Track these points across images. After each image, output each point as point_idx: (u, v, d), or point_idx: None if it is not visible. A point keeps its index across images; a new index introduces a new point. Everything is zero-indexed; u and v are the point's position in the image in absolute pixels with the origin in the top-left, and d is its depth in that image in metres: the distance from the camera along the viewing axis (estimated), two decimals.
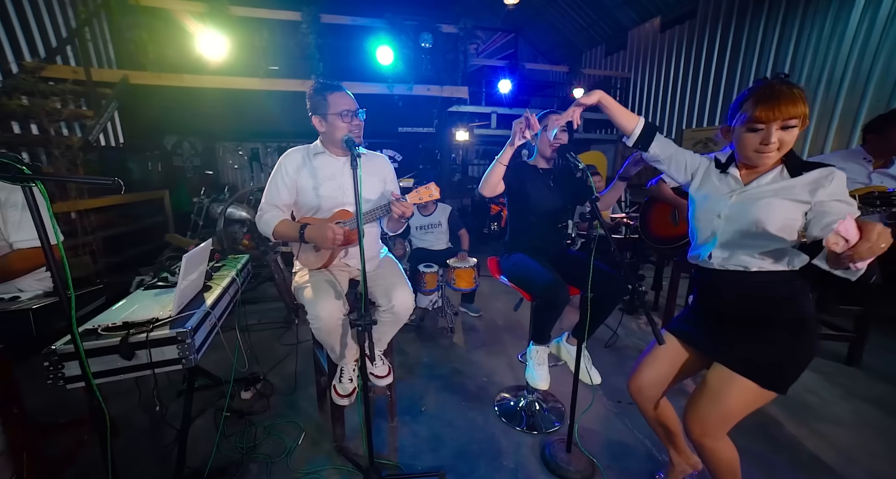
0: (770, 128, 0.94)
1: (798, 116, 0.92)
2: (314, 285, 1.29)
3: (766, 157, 0.98)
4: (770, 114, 0.92)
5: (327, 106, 1.33)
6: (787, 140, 0.96)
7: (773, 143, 0.95)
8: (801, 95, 0.92)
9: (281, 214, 1.40)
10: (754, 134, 0.97)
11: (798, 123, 0.93)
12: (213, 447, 1.52)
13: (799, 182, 0.99)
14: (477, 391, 2.04)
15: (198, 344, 1.17)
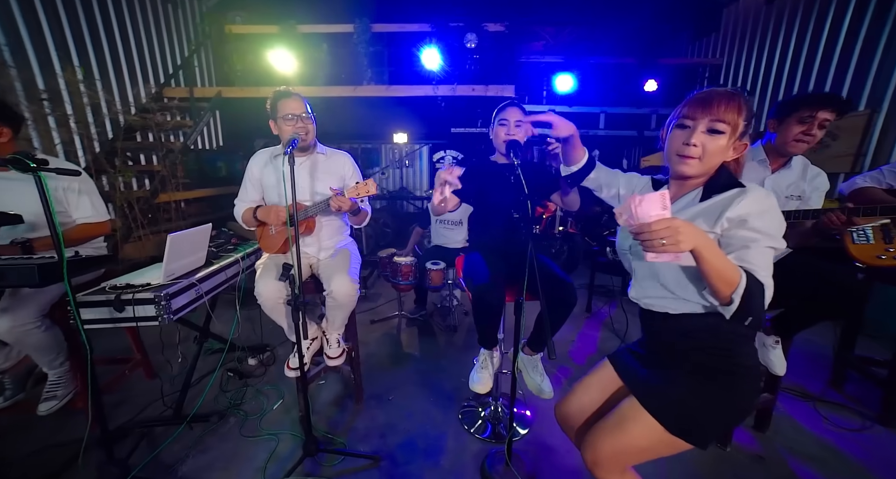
0: (696, 126, 0.84)
1: (727, 121, 0.81)
2: (265, 267, 1.48)
3: (686, 162, 0.86)
4: (698, 111, 0.83)
5: (277, 111, 1.49)
6: (711, 148, 0.84)
7: (693, 144, 0.84)
8: (740, 104, 0.82)
9: (247, 207, 1.62)
10: (681, 131, 0.87)
11: (727, 130, 0.82)
12: (208, 396, 1.82)
13: (706, 207, 0.86)
14: (450, 391, 2.04)
15: (175, 307, 1.44)
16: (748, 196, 0.81)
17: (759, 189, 0.83)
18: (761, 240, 0.77)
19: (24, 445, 1.58)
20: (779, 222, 0.80)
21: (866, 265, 1.67)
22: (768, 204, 0.80)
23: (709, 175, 0.89)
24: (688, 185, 0.92)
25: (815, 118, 1.33)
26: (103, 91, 3.42)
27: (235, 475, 1.47)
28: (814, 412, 1.81)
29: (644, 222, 0.70)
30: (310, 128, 1.53)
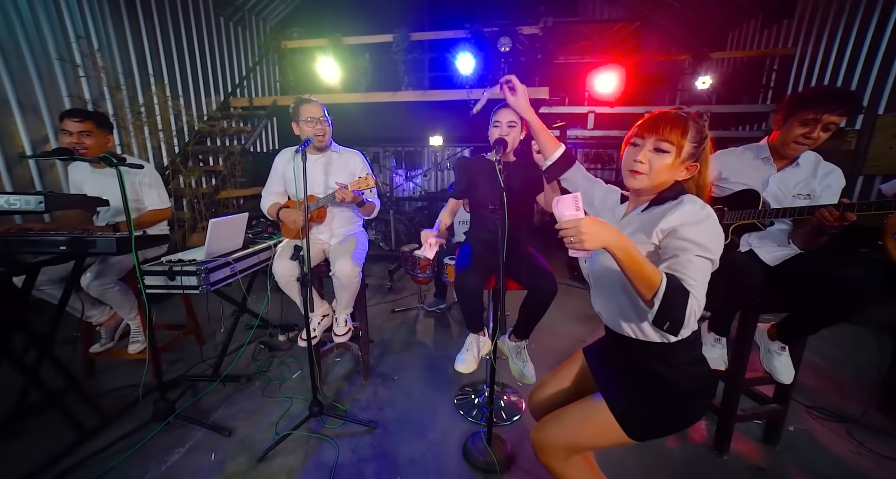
0: (644, 144, 0.92)
1: (672, 142, 0.88)
2: (282, 249, 1.74)
3: (634, 176, 0.93)
4: (646, 131, 0.91)
5: (299, 114, 1.74)
6: (657, 165, 0.90)
7: (640, 160, 0.91)
8: (685, 127, 0.88)
9: (273, 199, 1.91)
10: (632, 149, 0.95)
11: (671, 150, 0.89)
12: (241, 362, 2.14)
13: (646, 218, 0.93)
14: (452, 378, 2.17)
15: (213, 280, 1.75)
16: (680, 208, 0.85)
17: (694, 201, 0.87)
18: (691, 249, 0.80)
19: (111, 381, 2.04)
20: (710, 233, 0.82)
21: None
22: (702, 215, 0.84)
23: (658, 191, 0.94)
24: (640, 199, 0.98)
25: (819, 121, 1.27)
26: (182, 103, 4.07)
27: (254, 425, 1.73)
28: (846, 435, 1.66)
29: (562, 222, 0.79)
30: (326, 129, 1.77)
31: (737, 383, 1.47)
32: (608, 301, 1.02)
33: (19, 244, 1.36)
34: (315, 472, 1.47)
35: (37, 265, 1.45)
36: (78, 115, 1.87)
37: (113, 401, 1.88)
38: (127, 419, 1.74)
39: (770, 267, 1.45)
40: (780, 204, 1.39)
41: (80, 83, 3.25)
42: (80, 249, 1.44)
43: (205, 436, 1.66)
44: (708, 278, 0.82)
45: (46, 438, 1.61)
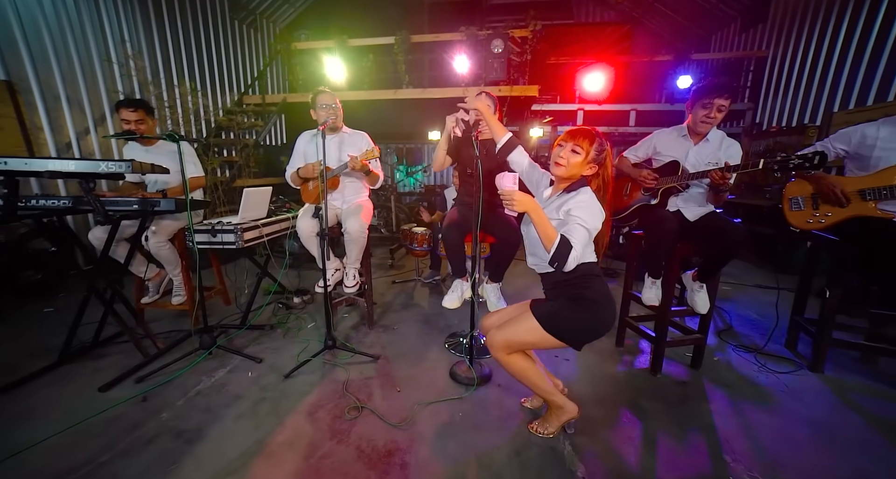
0: (566, 146, 1.38)
1: (583, 147, 1.35)
2: (304, 210, 2.18)
3: (555, 166, 1.39)
4: (568, 138, 1.38)
5: (316, 102, 2.16)
6: (572, 162, 1.36)
7: (562, 156, 1.37)
8: (593, 138, 1.35)
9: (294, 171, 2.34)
10: (558, 148, 1.41)
11: (582, 152, 1.35)
12: (263, 316, 2.56)
13: (559, 201, 1.39)
14: (444, 328, 2.57)
15: (247, 239, 2.17)
16: (577, 196, 1.33)
17: (586, 192, 1.33)
18: (576, 220, 1.27)
19: (158, 327, 2.45)
20: (590, 212, 1.28)
21: (799, 229, 1.93)
22: (585, 200, 1.30)
23: (572, 180, 1.38)
24: (559, 186, 1.43)
25: (712, 104, 1.69)
26: (202, 98, 4.50)
27: (279, 356, 2.15)
28: (754, 359, 2.07)
29: (501, 190, 1.29)
30: (339, 114, 2.19)
31: (665, 314, 1.88)
32: (535, 254, 1.48)
33: (108, 203, 1.78)
34: (330, 385, 1.88)
35: (120, 218, 1.87)
36: (132, 105, 2.29)
37: (163, 339, 2.29)
38: (177, 351, 2.15)
39: (691, 222, 1.86)
40: (696, 170, 1.81)
41: (116, 81, 3.69)
42: (147, 207, 1.86)
43: (241, 362, 2.07)
44: (587, 241, 1.27)
45: (123, 359, 2.04)
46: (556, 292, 1.44)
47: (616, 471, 1.34)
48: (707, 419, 1.62)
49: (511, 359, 1.45)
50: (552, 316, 1.37)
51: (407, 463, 1.37)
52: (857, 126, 1.88)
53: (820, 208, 1.88)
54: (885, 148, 1.75)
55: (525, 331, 1.40)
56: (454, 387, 1.87)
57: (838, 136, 1.91)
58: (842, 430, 1.55)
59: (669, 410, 1.68)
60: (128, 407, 1.68)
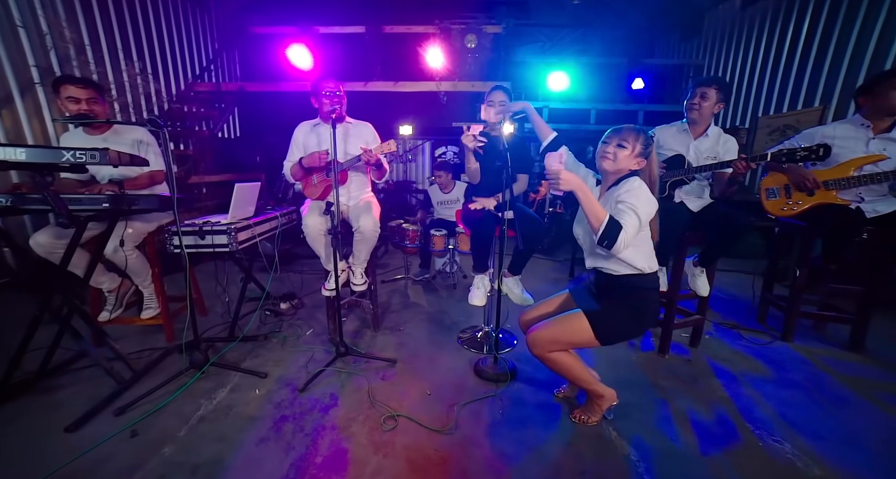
0: (611, 142, 1.37)
1: (629, 141, 1.34)
2: (310, 207, 1.98)
3: (604, 160, 1.38)
4: (613, 135, 1.38)
5: (318, 89, 1.97)
6: (620, 156, 1.35)
7: (609, 152, 1.37)
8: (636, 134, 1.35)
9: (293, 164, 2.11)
10: (603, 145, 1.40)
11: (628, 146, 1.34)
12: (251, 328, 2.29)
13: (611, 193, 1.38)
14: (451, 325, 2.50)
15: (241, 239, 1.91)
16: (625, 183, 1.33)
17: (633, 180, 1.33)
18: (626, 205, 1.26)
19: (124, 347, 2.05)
20: (638, 196, 1.27)
21: (775, 216, 2.15)
22: (634, 186, 1.30)
23: (621, 175, 1.38)
24: (608, 180, 1.43)
25: (696, 92, 1.91)
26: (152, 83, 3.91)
27: (285, 368, 1.93)
28: (738, 335, 2.29)
29: (548, 169, 1.25)
30: (343, 102, 2.01)
31: (674, 298, 2.00)
32: (591, 250, 1.46)
33: (70, 202, 1.45)
34: (354, 395, 1.73)
35: (86, 219, 1.53)
36: (80, 82, 1.90)
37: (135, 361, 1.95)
38: (158, 373, 1.84)
39: (694, 213, 1.99)
40: (697, 164, 1.93)
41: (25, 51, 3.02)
42: (123, 206, 1.55)
43: (242, 379, 1.83)
44: (637, 226, 1.26)
45: (86, 389, 1.69)
46: (613, 297, 1.42)
47: (664, 450, 1.39)
48: (721, 392, 1.74)
49: (555, 356, 1.43)
50: (607, 323, 1.37)
51: (467, 469, 1.30)
52: (818, 127, 2.12)
53: (792, 196, 2.11)
54: (841, 146, 2.00)
55: (573, 331, 1.39)
56: (483, 384, 1.82)
57: (803, 135, 2.15)
58: (823, 389, 1.77)
59: (687, 387, 1.78)
60: (115, 445, 1.39)
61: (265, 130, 6.49)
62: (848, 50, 3.86)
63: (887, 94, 1.81)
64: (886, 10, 3.50)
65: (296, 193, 4.10)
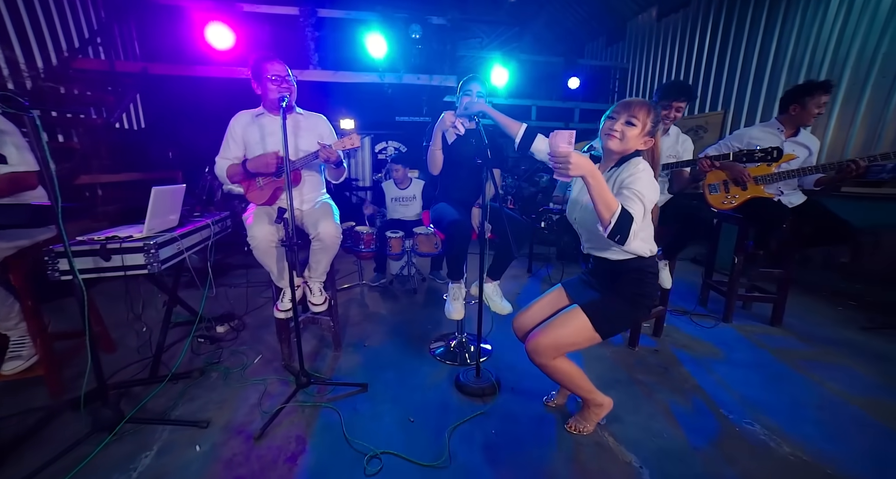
0: (619, 118, 1.22)
1: (639, 118, 1.20)
2: (256, 215, 1.62)
3: (610, 138, 1.24)
4: (622, 109, 1.22)
5: (261, 72, 1.63)
6: (628, 134, 1.21)
7: (616, 129, 1.22)
8: (648, 109, 1.21)
9: (230, 163, 1.74)
10: (609, 120, 1.25)
11: (638, 124, 1.20)
12: (182, 360, 1.86)
13: (613, 174, 1.26)
14: (420, 335, 2.31)
15: (163, 258, 1.50)
16: (629, 168, 1.21)
17: (640, 163, 1.22)
18: (633, 192, 1.14)
19: None
20: (646, 184, 1.17)
21: (717, 209, 2.32)
22: (642, 171, 1.19)
23: (624, 155, 1.26)
24: (611, 159, 1.30)
25: (671, 106, 1.93)
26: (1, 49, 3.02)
27: (233, 411, 1.58)
28: (689, 321, 2.46)
29: (554, 150, 1.06)
30: (292, 89, 1.69)
31: None
32: (593, 237, 1.35)
33: None
34: (326, 433, 1.47)
35: None
36: None
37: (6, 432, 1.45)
38: (44, 444, 1.38)
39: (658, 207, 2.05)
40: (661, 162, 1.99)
41: None
42: None
43: (173, 434, 1.45)
44: (643, 215, 1.16)
45: None
46: (611, 284, 1.34)
47: (661, 450, 1.38)
48: (692, 380, 1.82)
49: (557, 364, 1.34)
50: (607, 314, 1.30)
51: None
52: (744, 130, 2.34)
53: (730, 191, 2.30)
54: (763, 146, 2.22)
55: (574, 332, 1.30)
56: (468, 401, 1.68)
57: (735, 136, 2.35)
58: (765, 366, 1.96)
59: (662, 379, 1.83)
60: None
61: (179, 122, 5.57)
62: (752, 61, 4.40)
63: (811, 107, 2.03)
64: (779, 27, 4.04)
65: (225, 195, 3.53)
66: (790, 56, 3.95)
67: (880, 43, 3.14)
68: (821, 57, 3.65)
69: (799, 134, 2.17)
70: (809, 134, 2.20)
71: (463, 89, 1.78)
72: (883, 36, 3.12)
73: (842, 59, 3.47)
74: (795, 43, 3.90)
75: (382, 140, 6.97)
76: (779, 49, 4.08)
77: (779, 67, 4.07)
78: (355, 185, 7.01)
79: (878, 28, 3.16)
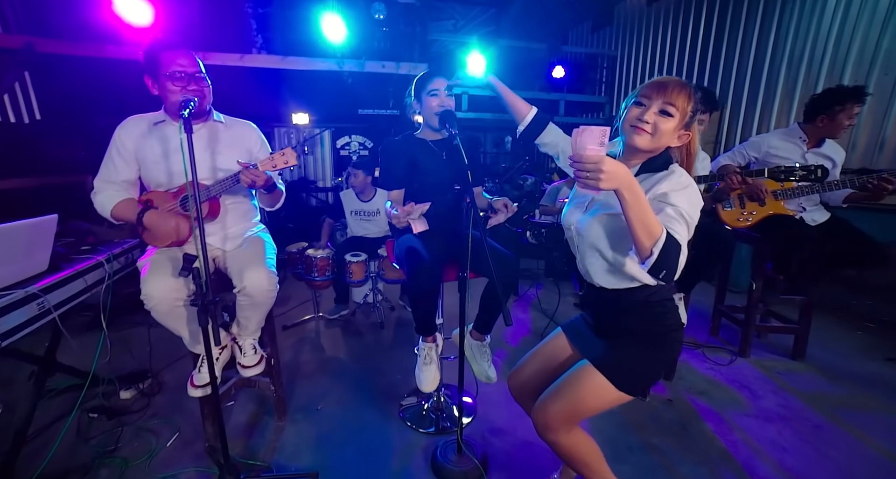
0: (651, 105, 0.97)
1: (677, 105, 0.95)
2: (154, 263, 1.28)
3: (638, 133, 0.98)
4: (654, 92, 0.96)
5: (159, 65, 1.28)
6: (662, 128, 0.97)
7: (646, 120, 0.97)
8: (689, 93, 0.96)
9: (118, 193, 1.39)
10: (637, 107, 1.00)
11: (676, 114, 0.96)
12: (62, 447, 1.50)
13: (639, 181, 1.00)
14: (387, 389, 2.04)
15: (4, 329, 1.15)
16: (670, 178, 0.98)
17: (681, 173, 0.99)
18: (677, 210, 0.91)
19: None
20: (691, 199, 0.95)
21: (731, 227, 2.19)
22: (685, 183, 0.97)
23: (653, 154, 1.03)
24: (634, 160, 1.06)
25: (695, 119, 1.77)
26: None
27: None
28: (703, 356, 2.32)
29: (579, 153, 0.80)
30: (206, 91, 1.35)
31: None
32: (594, 260, 1.10)
33: None
34: None
35: None
36: None
37: None
38: None
39: None
40: None
41: None
42: None
43: None
44: (686, 239, 0.93)
45: None
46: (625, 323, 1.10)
47: None
48: (717, 443, 1.65)
49: (573, 440, 1.10)
50: (629, 366, 1.07)
51: None
52: (762, 138, 2.21)
53: (746, 206, 2.17)
54: (783, 157, 2.11)
55: (592, 395, 1.06)
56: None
57: (750, 144, 2.22)
58: (797, 417, 1.82)
59: (682, 442, 1.65)
60: None
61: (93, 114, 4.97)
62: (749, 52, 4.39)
63: (841, 119, 1.91)
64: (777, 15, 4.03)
65: None
66: (789, 47, 3.95)
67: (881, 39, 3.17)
68: (821, 50, 3.66)
69: (823, 144, 2.06)
70: (835, 144, 2.09)
71: (427, 90, 1.50)
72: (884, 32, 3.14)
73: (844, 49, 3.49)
74: (795, 33, 3.91)
75: (345, 134, 6.58)
76: (777, 40, 4.08)
77: (778, 59, 4.07)
78: (314, 186, 6.61)
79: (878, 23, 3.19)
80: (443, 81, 1.51)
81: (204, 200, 1.32)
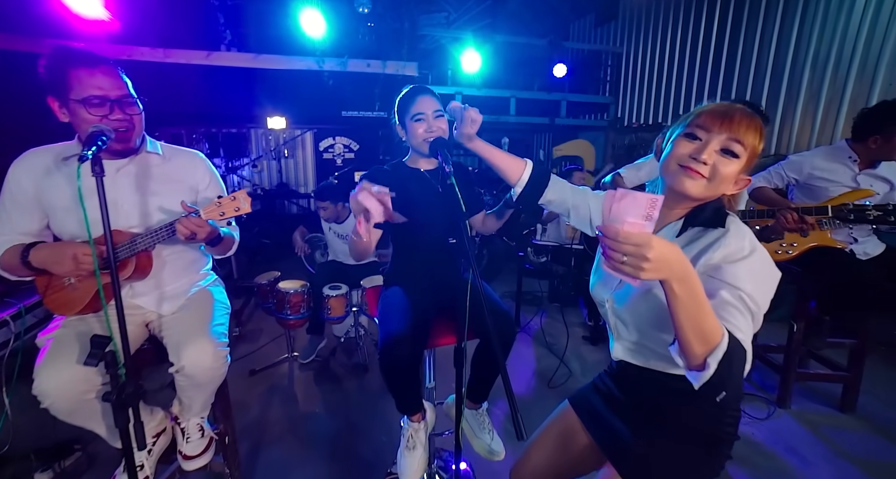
0: (710, 140, 0.77)
1: (745, 143, 0.76)
2: (57, 342, 1.03)
3: (689, 176, 0.78)
4: (716, 124, 0.76)
5: (68, 86, 1.03)
6: (723, 172, 0.76)
7: (705, 161, 0.76)
8: (759, 127, 0.77)
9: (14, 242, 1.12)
10: (689, 142, 0.79)
11: (743, 155, 0.76)
12: None
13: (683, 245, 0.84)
14: (370, 457, 1.82)
15: None
16: (726, 240, 0.77)
17: (742, 233, 0.78)
18: (740, 293, 0.70)
19: None
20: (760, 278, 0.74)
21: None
22: (744, 247, 0.76)
23: (702, 202, 0.83)
24: (676, 211, 0.86)
25: None
26: None
27: None
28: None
29: (615, 228, 0.58)
30: (136, 120, 1.12)
31: None
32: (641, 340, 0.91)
33: None
34: None
35: None
36: None
37: None
38: None
39: None
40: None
41: None
42: None
43: None
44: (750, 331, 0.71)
45: None
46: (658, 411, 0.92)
47: None
48: None
49: None
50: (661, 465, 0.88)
51: None
52: (803, 157, 2.03)
53: (786, 237, 1.99)
54: (829, 179, 1.94)
55: None
56: None
57: (790, 164, 2.04)
58: None
59: None
60: None
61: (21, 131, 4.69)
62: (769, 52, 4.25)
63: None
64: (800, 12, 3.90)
65: None
66: (814, 45, 3.81)
67: None
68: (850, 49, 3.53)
69: (879, 165, 1.89)
70: (892, 163, 1.93)
71: (410, 114, 1.28)
72: None
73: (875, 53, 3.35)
74: (820, 29, 3.77)
75: (328, 136, 6.36)
76: (801, 36, 3.94)
77: (801, 59, 3.93)
78: (294, 191, 6.37)
79: None
80: (429, 101, 1.27)
81: (128, 256, 1.09)
